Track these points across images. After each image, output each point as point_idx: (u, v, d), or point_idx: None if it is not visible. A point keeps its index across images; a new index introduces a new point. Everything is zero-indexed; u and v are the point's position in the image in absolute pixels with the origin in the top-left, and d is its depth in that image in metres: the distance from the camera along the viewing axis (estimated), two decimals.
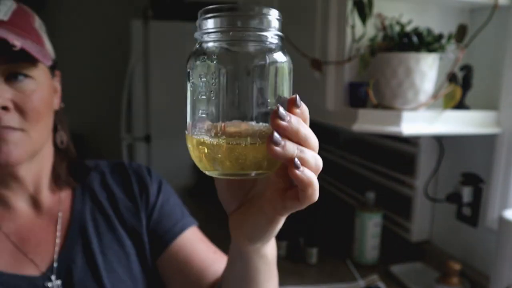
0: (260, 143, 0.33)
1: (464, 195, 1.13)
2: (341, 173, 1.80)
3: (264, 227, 0.39)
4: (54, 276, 0.60)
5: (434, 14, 1.06)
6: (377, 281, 1.19)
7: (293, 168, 0.32)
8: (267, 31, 0.35)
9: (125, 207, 0.68)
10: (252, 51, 0.34)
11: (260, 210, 0.38)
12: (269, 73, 0.33)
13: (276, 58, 0.34)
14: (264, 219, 0.38)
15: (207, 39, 0.34)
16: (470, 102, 1.03)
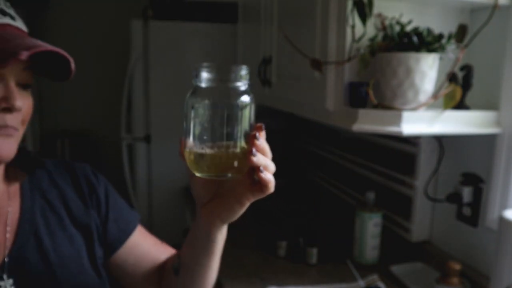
0: (233, 155, 0.50)
1: (464, 195, 1.13)
2: (341, 173, 1.80)
3: (236, 210, 0.55)
4: (6, 274, 0.60)
5: (434, 14, 1.06)
6: (377, 281, 1.19)
7: (259, 172, 0.48)
8: (239, 81, 0.50)
9: (76, 206, 0.69)
10: (231, 94, 0.50)
11: (235, 199, 0.53)
12: (239, 111, 0.50)
13: (243, 99, 0.50)
14: (237, 205, 0.54)
15: (200, 85, 0.50)
16: (470, 102, 1.03)
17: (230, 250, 1.41)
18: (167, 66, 2.10)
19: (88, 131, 2.86)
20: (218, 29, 2.15)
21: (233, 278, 1.23)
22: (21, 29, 0.62)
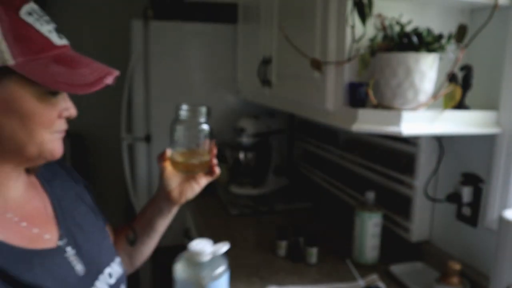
0: (200, 161, 0.84)
1: (464, 195, 1.13)
2: (341, 173, 1.81)
3: (197, 190, 0.85)
4: (66, 246, 0.71)
5: (434, 14, 1.06)
6: (377, 281, 1.19)
7: (214, 168, 0.84)
8: (201, 117, 0.83)
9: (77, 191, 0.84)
10: (198, 122, 0.84)
11: (196, 183, 0.84)
12: (202, 133, 0.83)
13: (203, 127, 0.83)
14: (197, 186, 0.85)
15: (179, 118, 0.83)
16: (470, 102, 1.03)
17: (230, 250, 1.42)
18: (168, 66, 2.10)
19: (89, 131, 2.86)
20: (218, 29, 2.15)
21: (233, 277, 1.23)
22: (68, 46, 0.68)
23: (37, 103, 0.61)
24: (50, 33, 0.63)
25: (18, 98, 0.60)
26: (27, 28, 0.60)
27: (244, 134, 1.93)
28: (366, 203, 1.29)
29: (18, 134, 0.61)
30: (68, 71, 0.61)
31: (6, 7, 0.58)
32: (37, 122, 0.62)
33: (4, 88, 0.58)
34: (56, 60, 0.61)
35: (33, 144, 0.62)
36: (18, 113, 0.60)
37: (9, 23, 0.58)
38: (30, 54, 0.59)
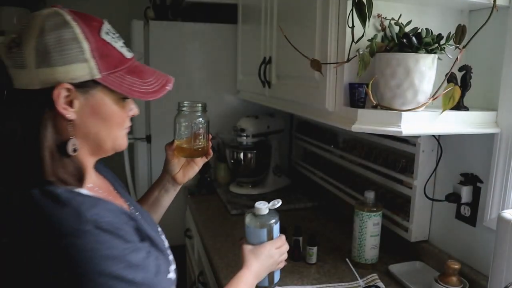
0: (200, 147, 1.01)
1: (463, 195, 1.14)
2: (341, 173, 1.81)
3: (196, 170, 1.05)
4: (136, 214, 0.85)
5: (433, 15, 1.06)
6: (376, 280, 1.19)
7: (210, 152, 1.03)
8: (200, 111, 1.03)
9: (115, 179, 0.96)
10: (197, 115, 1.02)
11: (196, 164, 1.04)
12: (203, 123, 1.02)
13: (201, 120, 1.02)
14: (197, 168, 1.04)
15: (181, 111, 1.02)
16: (468, 102, 1.04)
17: (230, 250, 1.42)
18: (168, 66, 2.10)
19: None
20: (218, 29, 2.15)
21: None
22: (133, 57, 0.79)
23: (115, 107, 0.74)
24: (122, 48, 0.75)
25: (102, 104, 0.72)
26: (107, 46, 0.71)
27: (244, 134, 1.94)
28: (366, 202, 1.29)
29: (101, 132, 0.74)
30: (139, 81, 0.74)
31: (91, 29, 0.70)
32: (114, 122, 0.75)
33: (93, 96, 0.71)
34: (128, 71, 0.74)
35: (110, 140, 0.76)
36: (102, 115, 0.73)
37: (94, 44, 0.69)
38: (110, 68, 0.71)
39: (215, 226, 1.63)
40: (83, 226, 0.63)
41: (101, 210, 0.68)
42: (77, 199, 0.67)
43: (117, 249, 0.65)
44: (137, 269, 0.67)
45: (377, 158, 1.54)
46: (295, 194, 2.00)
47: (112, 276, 0.63)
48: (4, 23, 2.40)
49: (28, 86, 0.67)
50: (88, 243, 0.63)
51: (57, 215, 0.64)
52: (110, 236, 0.65)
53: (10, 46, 0.67)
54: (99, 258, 0.63)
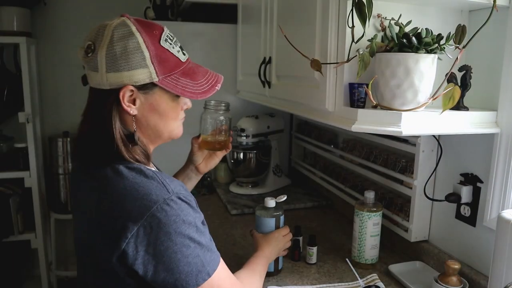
0: (222, 141, 1.18)
1: (463, 194, 1.14)
2: (341, 173, 1.81)
3: (217, 161, 1.21)
4: None
5: (433, 15, 1.06)
6: (376, 280, 1.19)
7: (229, 146, 1.19)
8: (223, 109, 1.21)
9: None
10: (220, 113, 1.21)
11: (216, 156, 1.20)
12: (226, 120, 1.20)
13: (224, 117, 1.20)
14: (217, 159, 1.20)
15: (208, 107, 1.21)
16: (468, 102, 1.04)
17: (230, 250, 1.42)
18: None
19: None
20: (218, 29, 2.15)
21: None
22: (189, 58, 0.90)
23: (170, 104, 0.87)
24: (178, 52, 0.85)
25: (159, 102, 0.85)
26: (165, 53, 0.82)
27: (244, 134, 1.94)
28: (366, 202, 1.29)
29: (158, 124, 0.87)
30: (191, 82, 0.86)
31: (152, 38, 0.81)
32: (169, 116, 0.88)
33: (151, 95, 0.84)
34: (183, 73, 0.85)
35: (166, 131, 0.90)
36: (159, 112, 0.86)
37: (154, 52, 0.80)
38: (167, 72, 0.83)
39: (215, 226, 1.63)
40: (169, 195, 0.77)
41: (176, 185, 0.82)
42: (158, 175, 0.81)
43: (191, 216, 0.79)
44: (202, 234, 0.81)
45: (377, 158, 1.54)
46: (295, 194, 2.00)
47: (188, 237, 0.77)
48: (4, 23, 2.40)
49: (100, 86, 0.81)
50: (173, 209, 0.77)
51: (148, 186, 0.78)
52: (186, 205, 0.79)
53: (87, 51, 0.81)
54: (180, 222, 0.77)
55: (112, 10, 2.76)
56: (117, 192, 0.79)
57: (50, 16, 2.68)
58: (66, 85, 2.80)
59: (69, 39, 2.74)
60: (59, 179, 2.64)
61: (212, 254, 0.81)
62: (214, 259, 0.82)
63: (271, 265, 1.21)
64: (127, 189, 0.78)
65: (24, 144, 2.50)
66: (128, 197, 0.77)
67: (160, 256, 0.76)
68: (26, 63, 2.41)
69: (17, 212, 2.51)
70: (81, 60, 0.83)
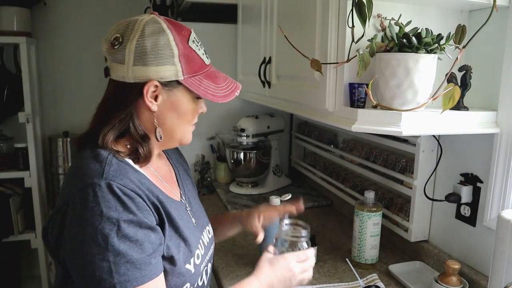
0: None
1: (463, 195, 1.14)
2: (341, 172, 1.81)
3: None
4: (186, 203, 0.95)
5: (433, 15, 1.06)
6: (376, 280, 1.19)
7: None
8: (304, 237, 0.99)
9: (185, 168, 1.10)
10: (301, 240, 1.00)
11: None
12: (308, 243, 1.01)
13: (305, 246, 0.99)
14: None
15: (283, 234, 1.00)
16: (468, 102, 1.04)
17: (230, 250, 1.42)
18: None
19: None
20: (218, 29, 2.15)
21: (233, 277, 1.24)
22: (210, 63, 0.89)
23: (190, 105, 0.86)
24: (203, 55, 0.86)
25: (180, 102, 0.84)
26: (192, 53, 0.83)
27: (244, 134, 1.94)
28: (366, 202, 1.29)
29: (174, 125, 0.86)
30: (213, 85, 0.85)
31: (181, 38, 0.82)
32: (186, 118, 0.87)
33: (174, 94, 0.83)
34: (206, 76, 0.85)
35: (180, 133, 0.88)
36: (178, 111, 0.85)
37: (182, 50, 0.81)
38: (192, 72, 0.83)
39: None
40: (98, 180, 0.72)
41: (126, 180, 0.75)
42: (113, 163, 0.77)
43: (115, 212, 0.71)
44: (124, 238, 0.70)
45: (377, 158, 1.54)
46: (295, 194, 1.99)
47: (101, 233, 0.69)
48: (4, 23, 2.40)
49: (123, 79, 0.80)
50: (95, 196, 0.71)
51: (90, 168, 0.75)
52: (114, 198, 0.71)
53: (113, 43, 0.80)
54: (97, 213, 0.70)
55: (112, 10, 2.76)
56: (69, 171, 0.82)
57: (50, 16, 2.68)
58: (66, 85, 2.80)
59: (69, 39, 2.74)
60: (59, 179, 2.64)
61: (131, 268, 0.70)
62: (132, 274, 0.70)
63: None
64: (74, 168, 0.79)
65: (24, 144, 2.50)
66: (71, 175, 0.78)
67: (70, 242, 0.72)
68: (26, 63, 2.41)
69: (17, 212, 2.51)
70: (105, 52, 0.82)
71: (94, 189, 0.71)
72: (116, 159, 0.78)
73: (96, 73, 2.83)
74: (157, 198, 0.81)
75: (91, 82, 2.84)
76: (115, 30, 0.82)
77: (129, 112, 0.81)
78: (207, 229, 1.01)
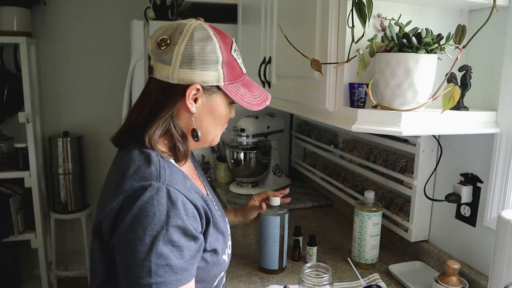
0: None
1: (463, 195, 1.14)
2: (341, 172, 1.81)
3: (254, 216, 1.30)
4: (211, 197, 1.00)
5: (433, 15, 1.06)
6: (378, 280, 1.19)
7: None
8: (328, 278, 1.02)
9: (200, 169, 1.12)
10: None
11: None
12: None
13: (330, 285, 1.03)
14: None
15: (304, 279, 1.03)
16: (468, 102, 1.04)
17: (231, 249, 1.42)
18: None
19: (90, 131, 2.86)
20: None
21: (233, 277, 1.24)
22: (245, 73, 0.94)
23: (225, 110, 0.91)
24: (241, 64, 0.91)
25: (218, 106, 0.89)
26: (233, 61, 0.88)
27: (244, 134, 1.94)
28: (366, 202, 1.29)
29: (209, 127, 0.91)
30: (249, 93, 0.90)
31: (225, 46, 0.87)
32: (220, 121, 0.92)
33: (213, 98, 0.88)
34: (242, 84, 0.90)
35: (212, 135, 0.93)
36: (214, 114, 0.90)
37: (226, 58, 0.86)
38: (231, 79, 0.87)
39: None
40: (156, 183, 0.76)
41: (180, 184, 0.80)
42: (164, 165, 0.81)
43: (166, 216, 0.74)
44: (169, 244, 0.73)
45: (377, 158, 1.54)
46: (295, 194, 2.00)
47: (149, 233, 0.72)
48: (4, 23, 2.40)
49: (167, 80, 0.84)
50: (151, 198, 0.74)
51: (142, 168, 0.79)
52: (169, 203, 0.75)
53: (160, 44, 0.84)
54: (150, 213, 0.73)
55: (112, 10, 2.77)
56: (119, 170, 0.82)
57: (50, 16, 2.69)
58: (66, 85, 2.80)
59: (69, 39, 2.74)
60: (59, 179, 2.65)
61: (169, 271, 0.73)
62: (168, 277, 0.73)
63: (275, 263, 1.24)
64: (126, 168, 0.80)
65: (24, 144, 2.50)
66: (124, 175, 0.79)
67: (120, 237, 0.75)
68: (26, 63, 2.41)
69: (17, 212, 2.52)
70: (150, 51, 0.86)
71: (152, 192, 0.75)
72: (164, 160, 0.83)
73: (96, 73, 2.83)
74: (202, 197, 0.85)
75: (91, 82, 2.84)
76: (162, 31, 0.85)
77: (172, 112, 0.85)
78: (227, 220, 1.07)
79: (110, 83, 2.82)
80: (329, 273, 1.01)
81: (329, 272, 1.01)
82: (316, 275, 1.02)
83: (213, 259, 0.87)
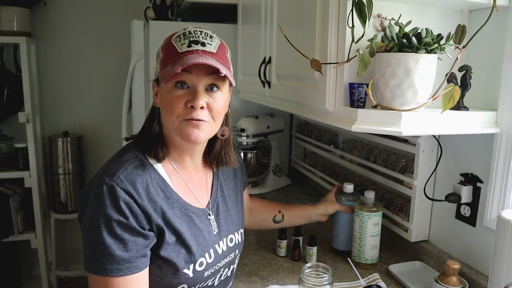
0: None
1: (463, 195, 1.14)
2: (341, 173, 1.81)
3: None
4: (210, 212, 0.99)
5: (433, 15, 1.06)
6: (378, 280, 1.19)
7: None
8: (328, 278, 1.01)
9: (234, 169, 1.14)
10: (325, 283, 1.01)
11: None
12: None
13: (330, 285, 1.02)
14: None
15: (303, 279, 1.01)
16: (468, 102, 1.04)
17: None
18: None
19: (89, 131, 2.86)
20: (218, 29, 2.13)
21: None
22: (208, 51, 0.89)
23: (167, 95, 0.88)
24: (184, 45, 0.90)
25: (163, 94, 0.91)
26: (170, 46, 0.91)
27: (244, 134, 1.94)
28: (366, 202, 1.29)
29: (163, 119, 0.92)
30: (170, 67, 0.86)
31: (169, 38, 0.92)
32: (168, 108, 0.89)
33: (160, 88, 0.92)
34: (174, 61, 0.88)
35: (167, 127, 0.92)
36: (162, 103, 0.91)
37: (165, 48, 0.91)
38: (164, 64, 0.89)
39: None
40: (108, 180, 0.82)
41: (131, 185, 0.83)
42: (130, 165, 0.85)
43: (110, 210, 0.80)
44: (112, 236, 0.80)
45: (377, 158, 1.54)
46: (295, 194, 2.00)
47: (96, 223, 0.80)
48: (4, 23, 2.40)
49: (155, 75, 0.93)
50: (100, 192, 0.81)
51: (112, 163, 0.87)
52: (111, 200, 0.80)
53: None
54: (97, 206, 0.81)
55: (112, 10, 2.77)
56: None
57: (50, 16, 2.69)
58: (66, 85, 2.80)
59: (69, 39, 2.74)
60: (59, 179, 2.65)
61: (110, 260, 0.80)
62: (109, 266, 0.80)
63: (348, 245, 1.34)
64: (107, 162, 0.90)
65: (24, 144, 2.50)
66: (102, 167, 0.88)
67: (80, 221, 0.86)
68: (26, 63, 2.41)
69: (17, 212, 2.52)
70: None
71: (101, 187, 0.81)
72: (138, 160, 0.88)
73: (96, 73, 2.83)
74: (161, 208, 0.87)
75: (91, 82, 2.84)
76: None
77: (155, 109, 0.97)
78: (230, 237, 1.03)
79: (110, 83, 2.82)
80: (329, 273, 1.01)
81: (329, 272, 1.01)
82: (316, 275, 1.02)
83: (166, 267, 0.88)
